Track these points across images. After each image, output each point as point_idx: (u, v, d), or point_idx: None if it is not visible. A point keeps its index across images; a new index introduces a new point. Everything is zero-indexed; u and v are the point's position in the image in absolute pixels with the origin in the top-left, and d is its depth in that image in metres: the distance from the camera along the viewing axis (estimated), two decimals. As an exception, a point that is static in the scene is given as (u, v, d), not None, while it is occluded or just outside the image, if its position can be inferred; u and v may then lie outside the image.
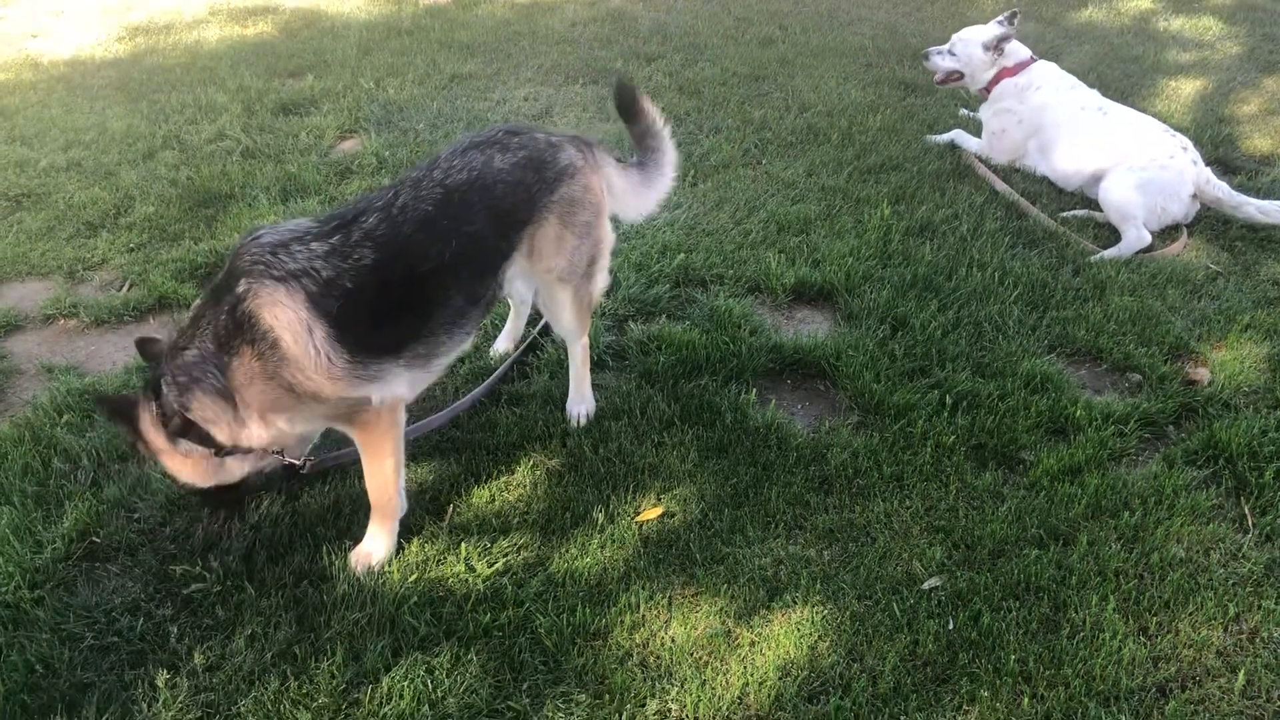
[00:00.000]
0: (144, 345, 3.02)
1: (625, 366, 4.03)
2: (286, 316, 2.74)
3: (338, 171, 5.63)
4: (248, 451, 2.97)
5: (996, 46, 5.79)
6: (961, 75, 6.02)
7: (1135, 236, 4.91)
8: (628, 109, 3.77)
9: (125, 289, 4.64)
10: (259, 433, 2.90)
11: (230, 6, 9.15)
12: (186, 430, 2.84)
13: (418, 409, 3.75)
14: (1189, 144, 5.15)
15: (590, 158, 3.45)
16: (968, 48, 5.91)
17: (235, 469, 3.03)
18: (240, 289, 2.76)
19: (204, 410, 2.80)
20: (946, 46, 6.04)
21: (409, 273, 2.92)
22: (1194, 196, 5.08)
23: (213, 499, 3.12)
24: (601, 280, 3.59)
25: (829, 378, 3.99)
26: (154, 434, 2.88)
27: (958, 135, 6.05)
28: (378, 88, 6.87)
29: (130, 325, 4.40)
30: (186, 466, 2.95)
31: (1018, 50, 5.81)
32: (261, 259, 2.80)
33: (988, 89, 5.91)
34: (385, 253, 2.86)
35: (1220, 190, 5.04)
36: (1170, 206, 5.05)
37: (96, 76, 7.31)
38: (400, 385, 3.03)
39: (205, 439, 2.86)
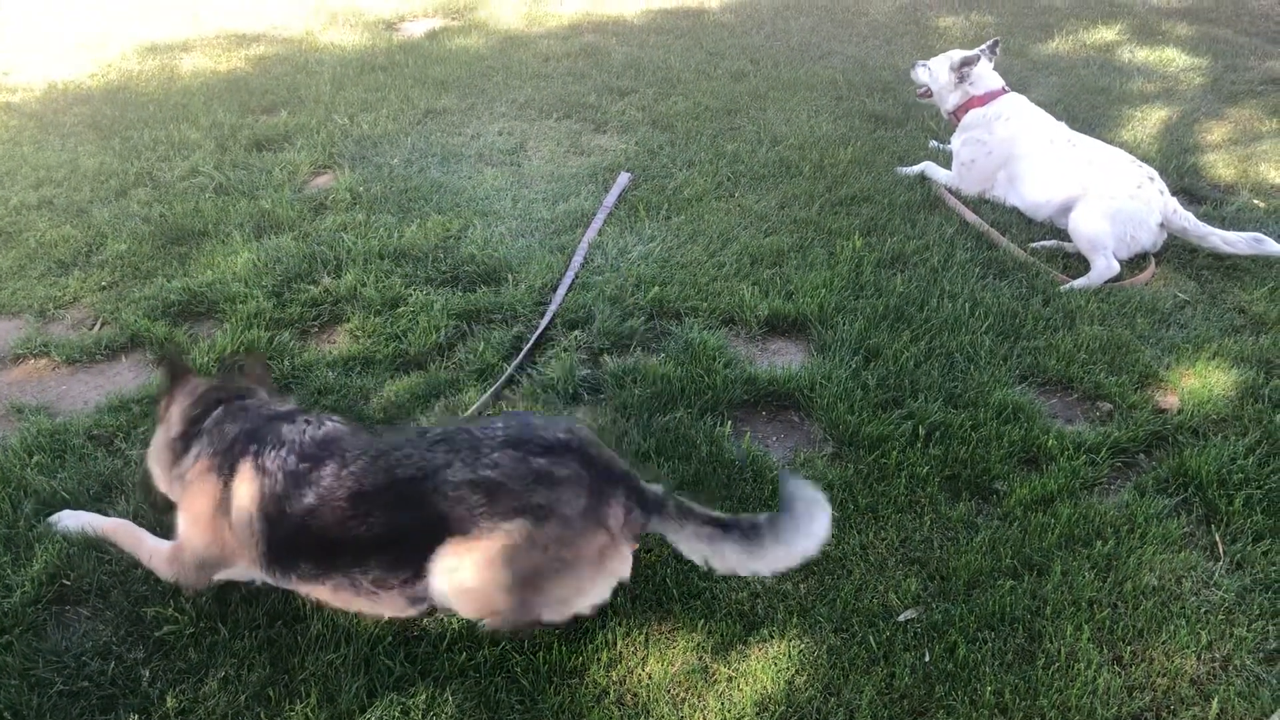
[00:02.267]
0: None
1: (600, 400, 4.04)
2: None
3: (312, 207, 5.62)
4: None
5: (960, 70, 5.88)
6: (930, 92, 6.13)
7: (1104, 266, 4.97)
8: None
9: (97, 328, 4.61)
10: None
11: (217, 35, 9.16)
12: None
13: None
14: (1155, 174, 5.23)
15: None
16: (939, 66, 6.02)
17: None
18: None
19: None
20: (924, 64, 6.18)
21: None
22: (1161, 226, 5.15)
23: None
24: None
25: (803, 409, 4.01)
26: None
27: (928, 167, 6.12)
28: (352, 123, 6.89)
29: (102, 364, 4.37)
30: None
31: (989, 80, 5.89)
32: None
33: (956, 117, 5.99)
34: None
35: (1186, 220, 5.12)
36: (1139, 235, 5.12)
37: (68, 113, 7.28)
38: None
39: None
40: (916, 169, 6.14)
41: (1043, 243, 5.34)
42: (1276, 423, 3.82)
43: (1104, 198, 5.14)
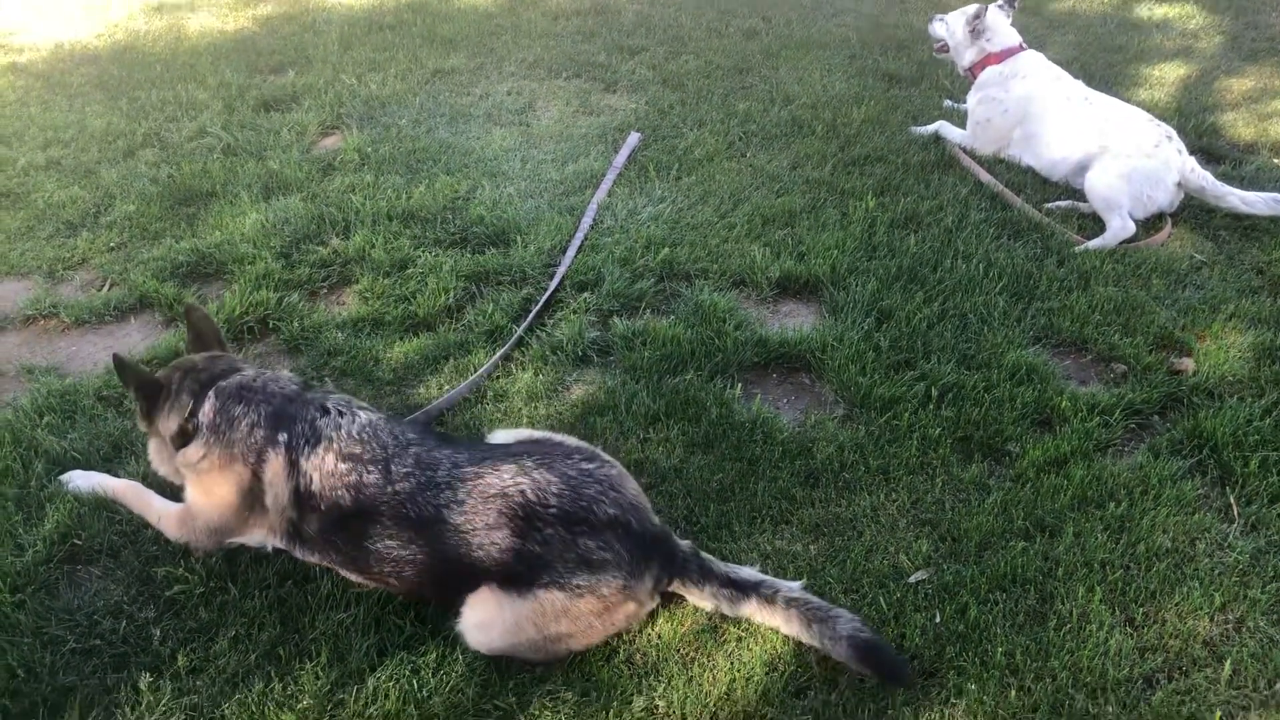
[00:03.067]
0: None
1: (609, 362, 4.02)
2: None
3: (320, 168, 5.59)
4: None
5: (974, 26, 5.79)
6: (948, 47, 6.05)
7: (1120, 226, 4.91)
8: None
9: (106, 288, 4.60)
10: None
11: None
12: None
13: (401, 407, 3.74)
14: (1173, 133, 5.15)
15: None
16: (956, 21, 5.94)
17: None
18: None
19: None
20: (942, 18, 6.10)
21: None
22: (1178, 185, 5.08)
23: None
24: None
25: (814, 371, 3.98)
26: None
27: (942, 126, 6.04)
28: (359, 83, 6.83)
29: (111, 325, 4.36)
30: None
31: (1006, 37, 5.80)
32: None
33: (973, 74, 5.90)
34: None
35: (1204, 180, 5.05)
36: (1155, 195, 5.05)
37: (75, 73, 7.24)
38: None
39: None
40: (931, 128, 6.07)
41: (1058, 203, 5.28)
42: (1293, 385, 3.78)
43: (1120, 157, 5.07)
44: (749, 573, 2.84)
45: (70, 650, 2.80)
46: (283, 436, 2.92)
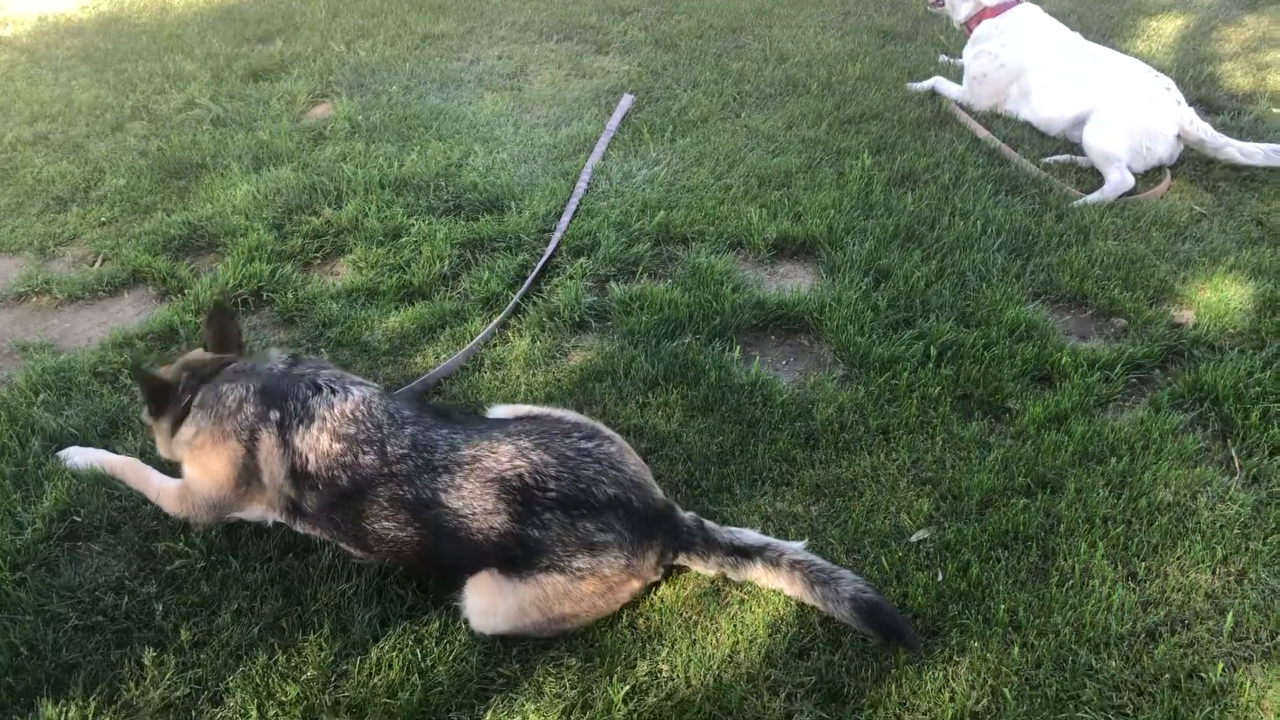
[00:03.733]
0: None
1: (607, 327, 3.99)
2: None
3: (311, 137, 5.54)
4: None
5: None
6: (943, 2, 5.98)
7: (1119, 179, 4.87)
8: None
9: (98, 264, 4.57)
10: None
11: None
12: None
13: (398, 376, 3.72)
14: (1172, 84, 5.10)
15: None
16: None
17: None
18: None
19: None
20: None
21: None
22: (1178, 137, 5.04)
23: None
24: None
25: (813, 332, 3.96)
26: None
27: (938, 82, 5.98)
28: (348, 50, 6.76)
29: (104, 300, 4.33)
30: None
31: None
32: None
33: (968, 29, 5.83)
34: None
35: (1203, 132, 5.00)
36: (1155, 148, 5.01)
37: (60, 46, 7.16)
38: None
39: None
40: (927, 84, 6.00)
41: (1055, 157, 5.23)
42: (1294, 335, 3.76)
43: (1118, 110, 5.02)
44: (753, 536, 2.82)
45: (73, 627, 2.80)
46: (274, 414, 2.90)
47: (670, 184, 4.95)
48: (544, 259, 4.31)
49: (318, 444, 2.85)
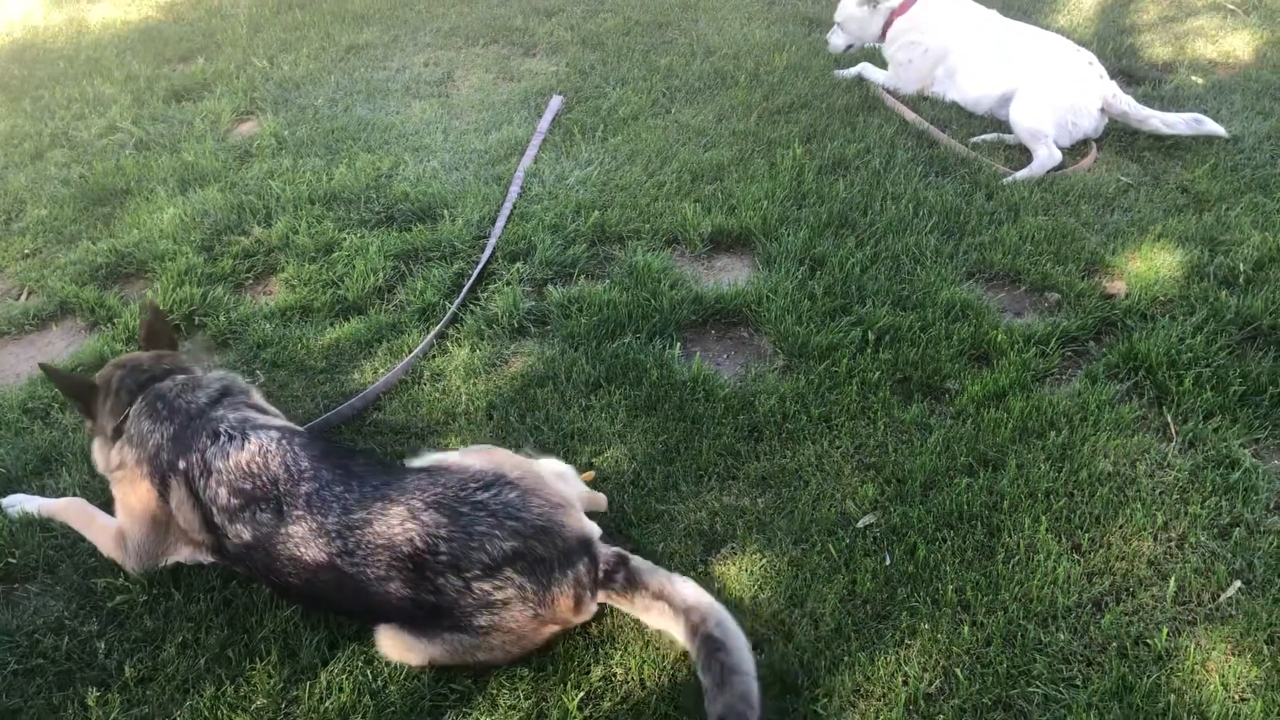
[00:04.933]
0: None
1: (547, 332, 3.97)
2: None
3: (237, 156, 5.44)
4: None
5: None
6: (853, 43, 6.08)
7: (1046, 155, 4.93)
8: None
9: (23, 298, 4.46)
10: None
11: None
12: None
13: (335, 394, 3.67)
14: (1094, 59, 5.17)
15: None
16: (847, 17, 5.93)
17: None
18: None
19: None
20: (835, 25, 6.08)
21: None
22: (1102, 111, 5.11)
23: None
24: None
25: (752, 324, 3.97)
26: None
27: (864, 68, 6.01)
28: (272, 65, 6.65)
29: (32, 334, 4.23)
30: None
31: None
32: None
33: (884, 36, 5.87)
34: None
35: (1126, 104, 5.08)
36: (1079, 122, 5.08)
37: (-25, 76, 6.99)
38: None
39: None
40: (853, 71, 6.04)
41: (983, 136, 5.29)
42: (1222, 299, 3.83)
43: (1042, 87, 5.08)
44: (688, 591, 2.62)
45: (12, 672, 2.74)
46: (182, 464, 2.83)
47: (604, 184, 4.93)
48: (480, 266, 4.28)
49: (218, 497, 2.78)
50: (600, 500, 3.10)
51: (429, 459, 2.92)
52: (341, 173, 5.10)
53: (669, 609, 2.59)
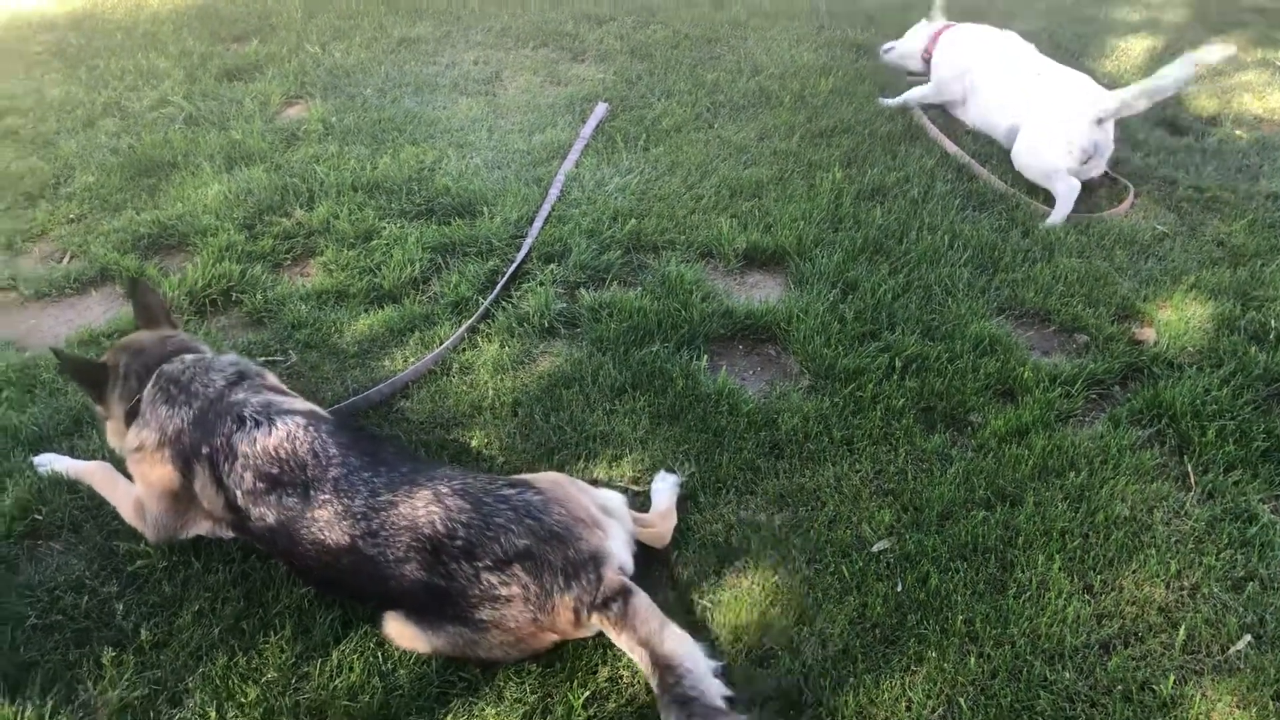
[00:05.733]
0: None
1: (576, 334, 4.01)
2: None
3: (284, 138, 5.52)
4: None
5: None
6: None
7: (1066, 189, 4.93)
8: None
9: (66, 261, 4.54)
10: None
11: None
12: None
13: (365, 379, 3.72)
14: (1086, 78, 5.18)
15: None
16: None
17: None
18: None
19: None
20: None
21: None
22: (1098, 121, 5.01)
23: None
24: None
25: (780, 342, 4.00)
26: None
27: (909, 94, 6.04)
28: (324, 52, 6.74)
29: (72, 298, 4.31)
30: None
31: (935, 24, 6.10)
32: None
33: (928, 53, 6.05)
34: None
35: (1119, 100, 4.95)
36: (1075, 139, 5.00)
37: (33, 41, 7.10)
38: None
39: None
40: (898, 100, 6.06)
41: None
42: (1251, 354, 3.83)
43: (1036, 126, 5.11)
44: (671, 647, 2.54)
45: (31, 626, 2.79)
46: (205, 449, 2.87)
47: (642, 192, 4.97)
48: (515, 264, 4.33)
49: (243, 482, 2.81)
50: (656, 535, 3.04)
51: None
52: (385, 162, 5.17)
53: (647, 658, 2.54)
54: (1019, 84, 5.39)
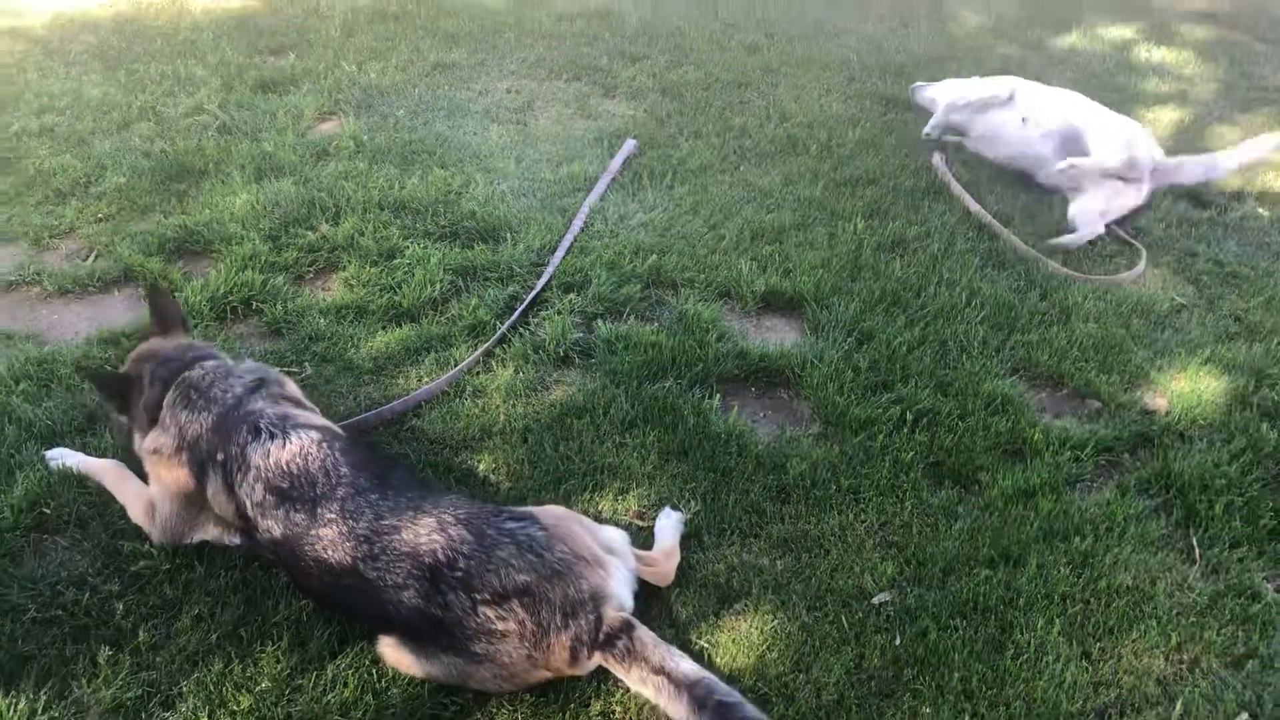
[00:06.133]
0: None
1: (591, 365, 4.03)
2: None
3: (315, 153, 5.58)
4: None
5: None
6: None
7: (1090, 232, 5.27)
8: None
9: (91, 259, 4.58)
10: None
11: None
12: None
13: (379, 396, 3.75)
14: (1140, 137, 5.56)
15: None
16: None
17: None
18: None
19: None
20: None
21: None
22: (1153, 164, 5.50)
23: None
24: None
25: (793, 387, 4.01)
26: None
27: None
28: (359, 71, 6.83)
29: (95, 295, 4.35)
30: None
31: None
32: None
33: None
34: None
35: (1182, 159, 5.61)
36: (1140, 144, 5.54)
37: (75, 41, 7.21)
38: None
39: None
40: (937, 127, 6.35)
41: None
42: (1263, 432, 3.82)
43: (1093, 195, 5.41)
44: (688, 667, 2.58)
45: (31, 619, 2.81)
46: (220, 456, 2.89)
47: (665, 229, 5.01)
48: (535, 291, 4.36)
49: (253, 493, 2.83)
50: (659, 574, 3.04)
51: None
52: (413, 183, 5.22)
53: (668, 684, 2.54)
54: (1077, 99, 5.92)
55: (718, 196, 5.40)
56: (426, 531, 2.69)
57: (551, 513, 2.88)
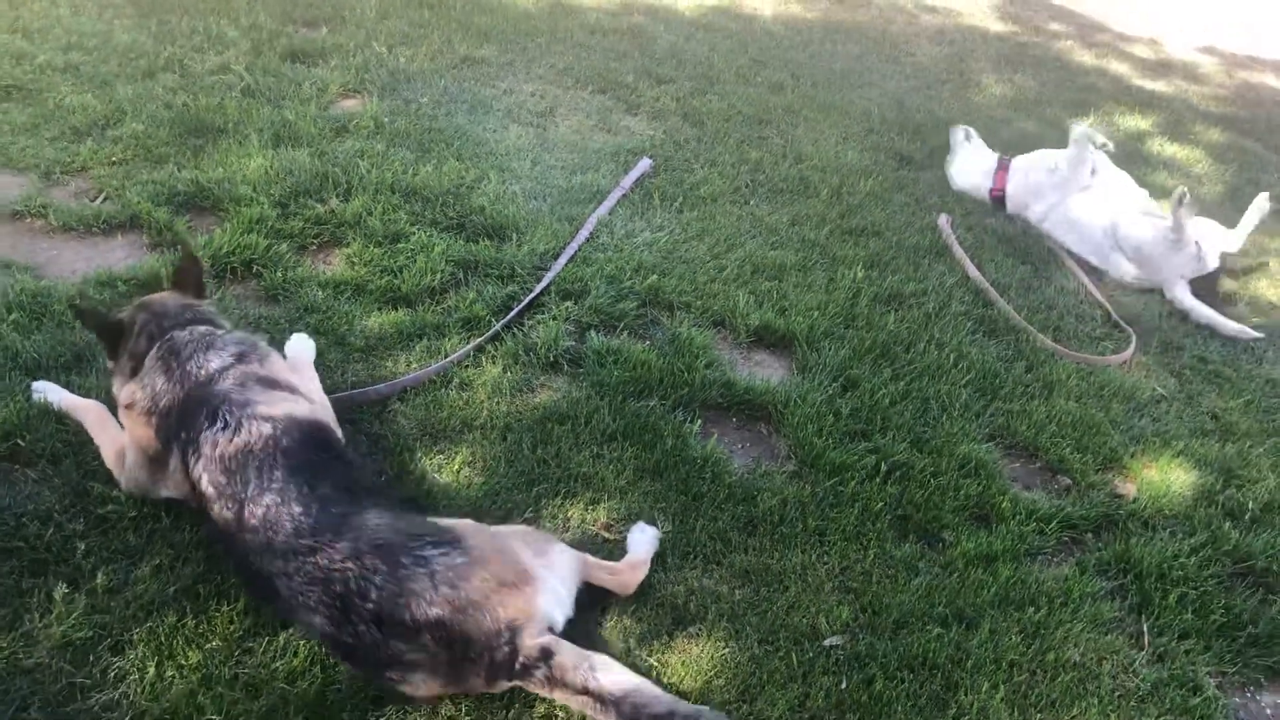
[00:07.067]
0: None
1: (579, 374, 4.06)
2: None
3: (334, 128, 5.61)
4: None
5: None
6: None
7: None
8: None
9: (99, 200, 4.60)
10: None
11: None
12: None
13: (367, 375, 3.77)
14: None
15: None
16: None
17: None
18: None
19: None
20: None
21: None
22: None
23: None
24: None
25: (773, 423, 4.05)
26: None
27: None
28: (389, 53, 6.87)
29: (97, 237, 4.37)
30: None
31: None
32: None
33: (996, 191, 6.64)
34: None
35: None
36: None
37: (111, -16, 7.24)
38: None
39: None
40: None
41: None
42: (1225, 530, 3.88)
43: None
44: (617, 676, 2.58)
45: (-10, 547, 2.81)
46: (183, 434, 2.88)
47: (669, 251, 5.06)
48: (533, 294, 4.39)
49: (202, 479, 2.81)
50: (621, 583, 3.06)
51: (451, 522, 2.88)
52: (427, 171, 5.26)
53: (593, 703, 2.55)
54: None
55: (725, 226, 5.45)
56: (340, 558, 2.60)
57: (477, 535, 2.79)
